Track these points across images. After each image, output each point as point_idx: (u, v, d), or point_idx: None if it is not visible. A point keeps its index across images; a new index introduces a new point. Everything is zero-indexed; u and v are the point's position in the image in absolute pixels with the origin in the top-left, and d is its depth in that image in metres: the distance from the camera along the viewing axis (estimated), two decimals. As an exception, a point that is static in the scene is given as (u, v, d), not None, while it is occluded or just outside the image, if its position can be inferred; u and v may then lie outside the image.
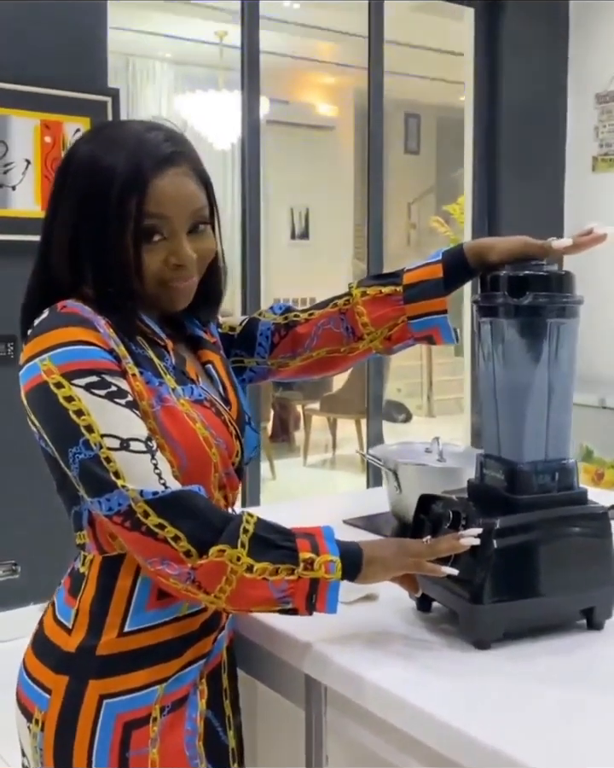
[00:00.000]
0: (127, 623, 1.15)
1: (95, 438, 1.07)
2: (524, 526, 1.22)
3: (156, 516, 1.06)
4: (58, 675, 1.16)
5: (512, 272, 1.26)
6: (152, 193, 1.12)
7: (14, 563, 3.50)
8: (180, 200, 1.15)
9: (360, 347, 1.38)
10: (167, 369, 1.17)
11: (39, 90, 3.35)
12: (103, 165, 1.13)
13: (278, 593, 1.10)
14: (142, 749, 1.14)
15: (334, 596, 1.12)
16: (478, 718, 1.03)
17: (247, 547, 1.08)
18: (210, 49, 7.02)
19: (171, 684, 1.17)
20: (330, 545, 1.13)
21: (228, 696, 1.27)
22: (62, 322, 1.11)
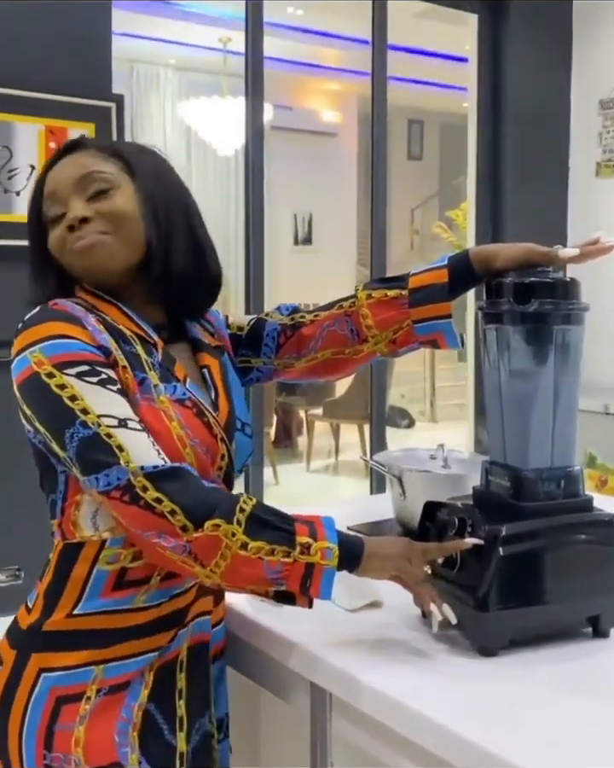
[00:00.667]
0: (78, 607, 1.19)
1: (92, 418, 1.10)
2: (530, 533, 1.22)
3: (154, 490, 1.09)
4: (11, 650, 1.21)
5: (517, 279, 1.26)
6: (47, 182, 1.24)
7: (17, 569, 3.50)
8: (64, 175, 1.23)
9: (364, 350, 1.39)
10: (153, 366, 1.20)
11: (44, 96, 3.35)
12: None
13: (272, 574, 1.12)
14: (69, 725, 1.16)
15: (328, 582, 1.14)
16: (483, 726, 1.03)
17: (243, 525, 1.11)
18: (214, 56, 7.04)
19: (112, 669, 1.18)
20: (329, 533, 1.15)
21: (183, 697, 1.25)
22: (50, 317, 1.16)
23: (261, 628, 1.33)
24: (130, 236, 1.22)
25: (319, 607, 1.36)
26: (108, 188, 1.21)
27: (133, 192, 1.23)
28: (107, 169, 1.23)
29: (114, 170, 1.23)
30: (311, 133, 8.79)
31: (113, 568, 1.19)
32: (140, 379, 1.18)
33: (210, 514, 1.10)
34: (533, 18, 4.72)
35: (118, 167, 1.24)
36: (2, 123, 3.30)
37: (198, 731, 1.28)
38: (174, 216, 1.26)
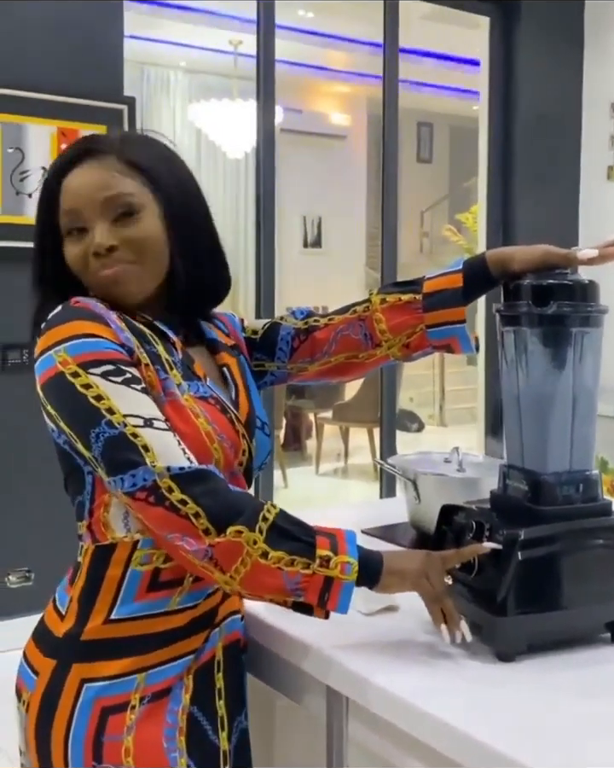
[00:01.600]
0: (114, 611, 1.18)
1: (118, 418, 1.10)
2: (549, 537, 1.21)
3: (179, 492, 1.08)
4: (47, 659, 1.20)
5: (535, 281, 1.25)
6: (64, 190, 1.20)
7: (27, 570, 3.51)
8: (87, 191, 1.19)
9: (377, 354, 1.39)
10: (174, 365, 1.20)
11: (56, 98, 3.37)
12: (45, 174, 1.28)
13: (291, 584, 1.12)
14: (117, 736, 1.16)
15: (346, 597, 1.14)
16: (500, 731, 1.02)
17: (265, 533, 1.10)
18: (224, 58, 7.05)
19: (153, 676, 1.18)
20: (350, 548, 1.15)
21: (222, 697, 1.26)
22: (74, 316, 1.15)
23: (276, 631, 1.33)
24: (156, 262, 1.21)
25: (335, 610, 1.36)
26: (134, 211, 1.19)
27: (157, 212, 1.21)
28: (133, 189, 1.19)
29: (138, 188, 1.20)
30: (320, 136, 8.79)
31: (147, 569, 1.18)
32: (162, 378, 1.18)
33: (233, 520, 1.10)
34: (545, 21, 4.72)
35: (140, 183, 1.20)
36: (14, 125, 3.31)
37: (237, 728, 1.30)
38: (197, 230, 1.27)
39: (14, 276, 3.07)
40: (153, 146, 1.27)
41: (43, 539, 3.43)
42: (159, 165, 1.24)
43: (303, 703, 1.35)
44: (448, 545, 1.31)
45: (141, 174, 1.20)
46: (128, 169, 1.20)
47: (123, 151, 1.21)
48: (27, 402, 1.20)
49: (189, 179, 1.28)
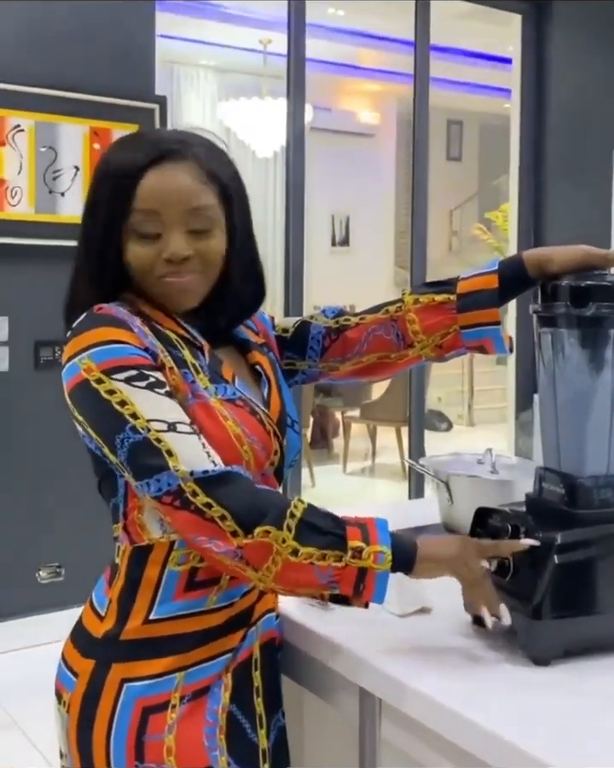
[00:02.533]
0: (153, 611, 1.19)
1: (142, 423, 1.10)
2: (585, 541, 1.20)
3: (204, 495, 1.08)
4: (86, 659, 1.21)
5: (574, 282, 1.24)
6: (142, 188, 1.16)
7: (57, 566, 3.54)
8: (171, 196, 1.17)
9: (410, 354, 1.38)
10: (201, 369, 1.20)
11: (88, 98, 3.38)
12: (104, 168, 1.21)
13: (324, 578, 1.11)
14: (158, 735, 1.16)
15: (382, 586, 1.13)
16: (535, 735, 1.01)
17: (294, 530, 1.09)
18: (253, 57, 7.05)
19: (192, 674, 1.19)
20: (382, 536, 1.13)
21: (260, 695, 1.27)
22: (98, 323, 1.15)
23: (309, 631, 1.32)
24: (215, 274, 1.23)
25: (368, 611, 1.35)
26: (210, 228, 1.20)
27: (224, 228, 1.22)
28: (213, 202, 1.19)
29: (215, 202, 1.20)
30: (350, 134, 8.78)
31: (184, 569, 1.19)
32: (190, 381, 1.18)
33: (260, 520, 1.09)
34: (577, 18, 4.68)
35: (216, 196, 1.20)
36: (47, 124, 3.33)
37: (275, 726, 1.30)
38: (249, 247, 1.29)
39: (46, 274, 3.10)
40: (224, 156, 1.27)
41: (74, 535, 3.45)
42: (233, 180, 1.25)
43: (335, 704, 1.35)
44: (483, 548, 1.31)
45: (219, 187, 1.21)
46: (208, 180, 1.19)
47: (202, 158, 1.20)
48: (59, 399, 1.21)
49: (247, 194, 1.29)
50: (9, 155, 3.26)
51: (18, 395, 3.40)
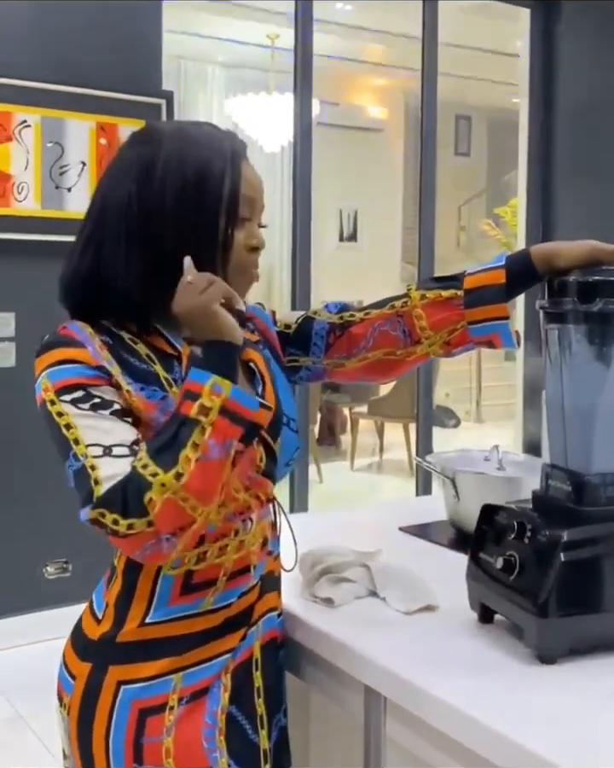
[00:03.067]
0: (149, 616, 1.19)
1: (82, 449, 1.10)
2: (592, 539, 1.19)
3: (109, 514, 1.07)
4: (83, 662, 1.21)
5: (581, 278, 1.23)
6: (244, 176, 1.21)
7: (65, 562, 3.54)
8: (260, 186, 1.25)
9: (417, 351, 1.36)
10: (174, 382, 1.18)
11: (95, 93, 3.38)
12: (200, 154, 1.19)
13: (216, 452, 1.07)
14: (157, 737, 1.16)
15: (245, 398, 1.10)
16: (540, 734, 1.00)
17: (159, 469, 1.06)
18: (261, 52, 7.03)
19: (190, 676, 1.18)
20: (199, 378, 1.10)
21: (261, 695, 1.26)
22: (58, 344, 1.17)
23: (313, 629, 1.32)
24: None
25: (373, 609, 1.35)
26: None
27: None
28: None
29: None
30: (357, 129, 8.76)
31: (179, 573, 1.18)
32: (161, 396, 1.16)
33: (141, 497, 1.05)
34: (585, 12, 4.66)
35: None
36: (54, 119, 3.33)
37: (276, 726, 1.29)
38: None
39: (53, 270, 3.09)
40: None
41: (81, 531, 3.44)
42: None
43: (340, 702, 1.34)
44: (489, 545, 1.30)
45: None
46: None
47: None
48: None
49: None
50: (16, 151, 3.26)
51: (25, 391, 3.39)
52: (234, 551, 1.20)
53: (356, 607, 1.38)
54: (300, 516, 3.32)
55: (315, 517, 2.77)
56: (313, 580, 1.41)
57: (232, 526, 1.20)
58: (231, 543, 1.20)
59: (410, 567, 1.45)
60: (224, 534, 1.19)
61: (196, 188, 1.18)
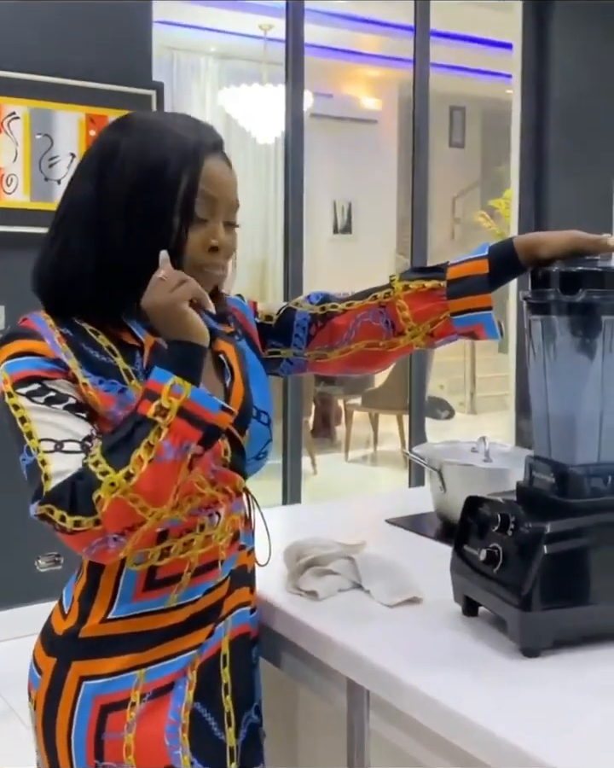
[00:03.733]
0: (112, 611, 1.18)
1: (34, 443, 1.09)
2: (576, 531, 1.18)
3: (57, 510, 1.05)
4: (49, 657, 1.21)
5: (564, 268, 1.22)
6: (205, 172, 1.16)
7: (57, 555, 3.53)
8: (226, 185, 1.20)
9: (400, 342, 1.34)
10: (134, 374, 1.16)
11: (84, 84, 3.36)
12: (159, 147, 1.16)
13: (171, 455, 1.05)
14: (118, 733, 1.15)
15: (205, 400, 1.08)
16: (523, 729, 1.00)
17: (110, 467, 1.04)
18: (254, 43, 7.01)
19: (153, 672, 1.17)
20: (159, 377, 1.07)
21: (229, 692, 1.24)
22: (17, 335, 1.15)
23: (296, 622, 1.31)
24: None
25: (357, 602, 1.34)
26: (235, 223, 1.23)
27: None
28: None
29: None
30: (351, 120, 8.72)
31: (142, 569, 1.17)
32: (119, 389, 1.14)
33: (89, 495, 1.04)
34: (578, 3, 4.63)
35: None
36: (43, 110, 3.31)
37: (245, 724, 1.28)
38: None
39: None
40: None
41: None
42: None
43: (324, 696, 1.33)
44: (473, 537, 1.29)
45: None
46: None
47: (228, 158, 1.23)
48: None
49: None
50: (5, 143, 3.24)
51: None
52: (199, 546, 1.19)
53: (341, 599, 1.37)
54: (288, 508, 3.32)
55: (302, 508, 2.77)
56: (298, 573, 1.41)
57: (197, 521, 1.18)
58: (196, 538, 1.18)
59: (396, 559, 1.45)
60: (189, 529, 1.18)
61: (150, 182, 1.15)
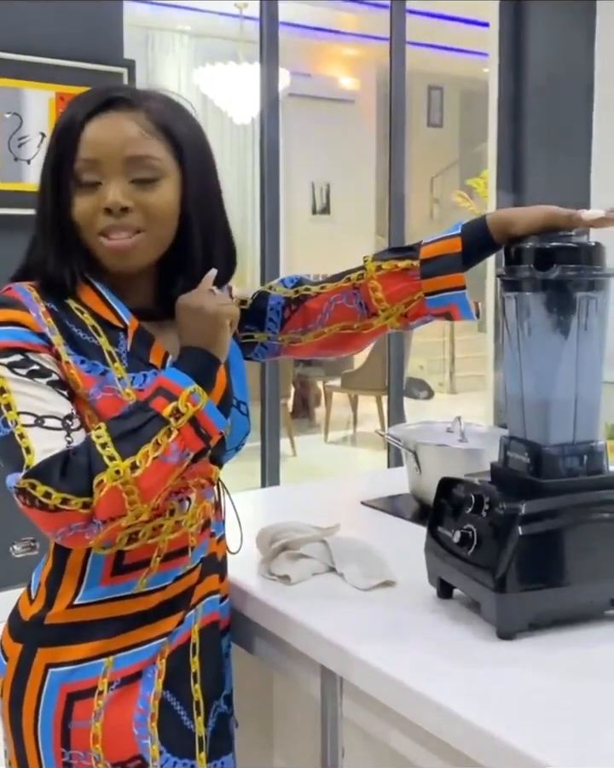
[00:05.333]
0: (78, 596, 1.16)
1: (12, 416, 1.07)
2: (551, 511, 1.16)
3: (41, 485, 1.03)
4: (15, 643, 1.19)
5: (538, 244, 1.19)
6: (84, 137, 1.13)
7: (32, 540, 3.50)
8: (111, 143, 1.13)
9: (374, 324, 1.32)
10: (118, 356, 1.14)
11: (54, 62, 3.29)
12: (56, 123, 1.17)
13: (175, 457, 1.07)
14: (84, 721, 1.14)
15: (215, 414, 1.11)
16: (497, 713, 0.98)
17: (117, 453, 1.04)
18: (230, 22, 6.92)
19: (121, 660, 1.15)
20: (180, 381, 1.09)
21: (198, 680, 1.22)
22: (1, 304, 1.13)
23: (268, 608, 1.29)
24: (164, 233, 1.16)
25: (330, 586, 1.32)
26: (156, 177, 1.14)
27: (177, 184, 1.16)
28: (159, 154, 1.14)
29: (164, 154, 1.14)
30: (329, 100, 8.65)
31: (109, 553, 1.14)
32: (101, 371, 1.12)
33: (88, 477, 1.03)
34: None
35: (167, 149, 1.15)
36: (11, 89, 3.25)
37: (214, 713, 1.25)
38: (212, 208, 1.22)
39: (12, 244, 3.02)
40: (183, 113, 1.21)
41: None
42: (188, 135, 1.18)
43: (297, 681, 1.32)
44: (447, 519, 1.27)
45: (170, 140, 1.15)
46: (157, 131, 1.14)
47: (154, 110, 1.15)
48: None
49: (211, 155, 1.23)
50: (-27, 122, 3.18)
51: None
52: (169, 532, 1.17)
53: (314, 583, 1.35)
54: (264, 490, 3.30)
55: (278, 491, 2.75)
56: (271, 557, 1.39)
57: (166, 506, 1.16)
58: (166, 522, 1.16)
59: (370, 541, 1.43)
60: (158, 514, 1.15)
61: (48, 158, 1.16)
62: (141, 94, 1.17)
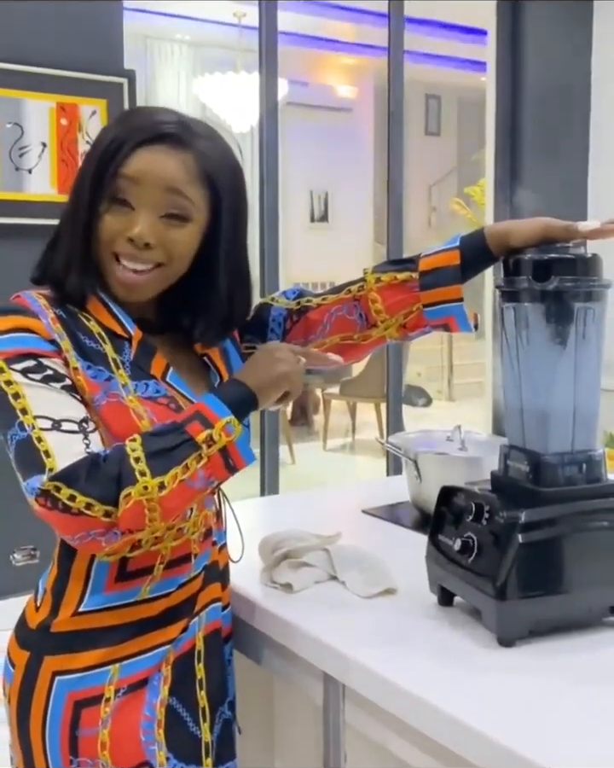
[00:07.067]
0: (83, 603, 1.17)
1: (29, 419, 1.08)
2: (550, 520, 1.17)
3: (67, 488, 1.05)
4: (22, 650, 1.20)
5: (536, 255, 1.21)
6: (133, 158, 1.14)
7: (33, 548, 3.50)
8: (156, 174, 1.14)
9: (373, 335, 1.35)
10: (122, 364, 1.16)
11: (55, 72, 3.31)
12: (99, 137, 1.18)
13: (200, 483, 1.09)
14: (92, 729, 1.14)
15: (246, 447, 1.12)
16: (498, 719, 0.99)
17: (148, 470, 1.06)
18: (228, 31, 6.95)
19: (128, 667, 1.16)
20: (218, 409, 1.11)
21: (204, 687, 1.23)
22: (10, 311, 1.14)
23: (271, 615, 1.30)
24: (177, 271, 1.19)
25: (332, 594, 1.33)
26: (187, 218, 1.15)
27: (203, 227, 1.18)
28: (196, 199, 1.15)
29: (199, 200, 1.16)
30: (327, 109, 8.69)
31: (114, 559, 1.16)
32: (105, 378, 1.14)
33: (117, 487, 1.05)
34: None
35: (204, 196, 1.16)
36: (12, 99, 3.27)
37: (220, 719, 1.27)
38: (239, 253, 1.24)
39: (13, 253, 3.04)
40: (228, 157, 1.21)
41: (48, 518, 3.42)
42: (229, 185, 1.19)
43: (300, 688, 1.33)
44: (448, 527, 1.29)
45: (211, 189, 1.17)
46: (200, 176, 1.15)
47: (202, 154, 1.16)
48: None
49: (245, 201, 1.24)
50: (-26, 132, 3.19)
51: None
52: (171, 539, 1.18)
53: (316, 591, 1.36)
54: (264, 499, 3.31)
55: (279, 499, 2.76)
56: (273, 565, 1.40)
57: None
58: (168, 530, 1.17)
59: (372, 549, 1.44)
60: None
61: (87, 161, 1.17)
62: (191, 130, 1.16)
